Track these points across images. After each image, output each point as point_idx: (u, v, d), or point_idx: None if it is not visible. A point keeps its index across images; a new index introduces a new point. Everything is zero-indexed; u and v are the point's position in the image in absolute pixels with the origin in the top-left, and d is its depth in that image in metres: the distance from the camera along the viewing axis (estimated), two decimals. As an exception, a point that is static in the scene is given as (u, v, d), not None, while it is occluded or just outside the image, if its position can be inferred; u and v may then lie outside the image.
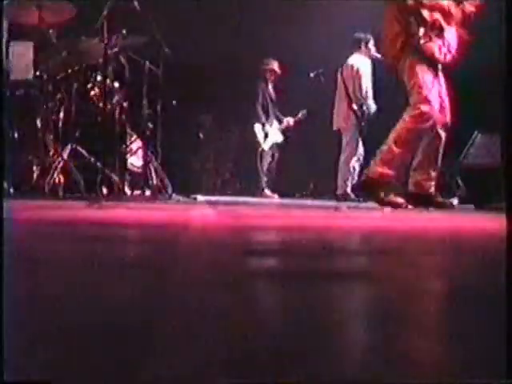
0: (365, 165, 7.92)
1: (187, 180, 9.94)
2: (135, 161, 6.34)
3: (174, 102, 7.58)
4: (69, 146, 5.34)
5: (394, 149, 4.77)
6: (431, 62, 4.77)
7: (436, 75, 4.82)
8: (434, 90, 4.79)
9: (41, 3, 5.30)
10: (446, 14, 4.77)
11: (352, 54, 8.03)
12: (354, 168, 7.92)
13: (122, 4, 5.52)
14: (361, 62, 7.95)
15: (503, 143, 5.53)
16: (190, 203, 5.94)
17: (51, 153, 5.26)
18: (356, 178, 7.88)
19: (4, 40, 5.32)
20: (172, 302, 0.97)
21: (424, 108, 4.75)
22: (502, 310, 0.86)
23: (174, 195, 6.19)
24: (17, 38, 5.52)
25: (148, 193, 5.97)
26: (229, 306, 0.93)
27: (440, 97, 4.85)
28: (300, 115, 9.74)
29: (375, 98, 8.00)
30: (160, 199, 5.72)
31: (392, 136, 4.81)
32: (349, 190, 7.88)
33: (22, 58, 5.36)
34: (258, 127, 9.65)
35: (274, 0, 9.44)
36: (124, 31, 5.74)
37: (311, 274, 1.31)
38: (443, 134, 4.98)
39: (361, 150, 7.94)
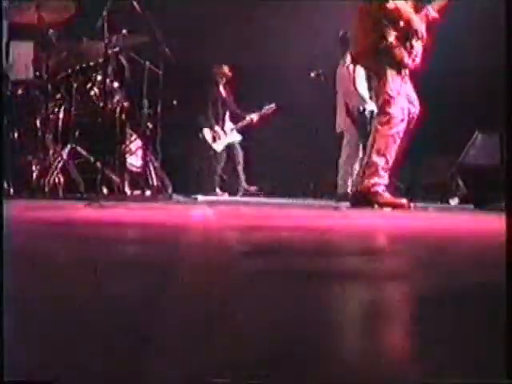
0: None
1: (187, 180, 9.93)
2: (135, 161, 6.33)
3: (174, 101, 7.57)
4: (69, 146, 5.34)
5: (376, 159, 4.81)
6: (399, 67, 4.80)
7: (403, 79, 4.85)
8: (401, 94, 4.82)
9: (41, 3, 5.29)
10: (416, 21, 4.84)
11: (345, 54, 8.02)
12: (354, 168, 7.91)
13: (122, 4, 5.52)
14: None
15: (503, 143, 5.53)
16: (190, 203, 5.94)
17: (51, 153, 5.25)
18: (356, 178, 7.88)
19: (4, 40, 5.32)
20: (172, 301, 0.97)
21: (393, 112, 4.77)
22: (501, 310, 0.86)
23: (174, 195, 6.19)
24: (17, 38, 5.52)
25: (148, 193, 5.97)
26: (229, 306, 0.93)
27: (408, 101, 4.89)
28: (266, 109, 9.75)
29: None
30: (160, 199, 5.71)
31: (370, 148, 4.87)
32: (349, 190, 7.87)
33: (21, 57, 5.36)
34: (206, 131, 9.71)
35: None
36: (124, 31, 5.74)
37: (310, 273, 1.31)
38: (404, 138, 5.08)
39: (360, 150, 7.94)
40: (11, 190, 4.94)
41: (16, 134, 5.23)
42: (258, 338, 0.75)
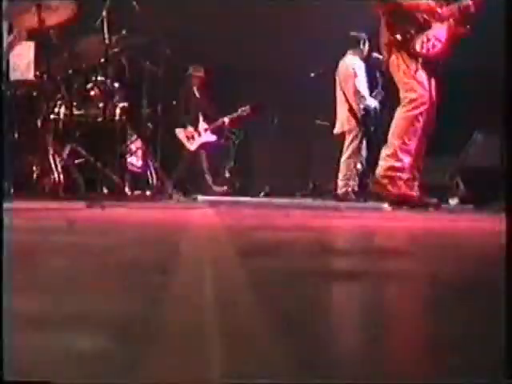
0: (367, 165, 7.92)
1: (187, 180, 9.94)
2: (135, 161, 6.35)
3: (174, 101, 7.59)
4: (69, 146, 5.34)
5: (394, 142, 4.94)
6: (414, 57, 4.96)
7: (418, 68, 4.98)
8: (419, 82, 4.96)
9: (41, 3, 5.29)
10: (432, 12, 4.98)
11: (346, 53, 8.04)
12: (355, 168, 7.92)
13: (122, 4, 5.53)
14: (355, 62, 7.96)
15: (503, 143, 5.53)
16: (189, 203, 5.94)
17: (51, 153, 5.25)
18: (357, 178, 7.89)
19: (4, 40, 5.32)
20: (173, 301, 0.97)
21: (411, 95, 4.94)
22: (501, 310, 0.86)
23: (174, 195, 6.20)
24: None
25: (148, 193, 5.97)
26: (229, 306, 0.93)
27: (426, 91, 4.99)
28: (239, 112, 9.71)
29: (374, 97, 8.00)
30: (160, 199, 5.72)
31: (390, 132, 5.01)
32: (349, 190, 7.88)
33: (22, 58, 5.36)
34: (178, 130, 9.68)
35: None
36: (124, 31, 5.75)
37: (310, 273, 1.31)
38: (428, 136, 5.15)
39: (363, 150, 7.95)
40: (11, 190, 4.95)
41: (16, 134, 5.23)
42: (258, 338, 0.75)
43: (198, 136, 9.70)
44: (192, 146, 9.72)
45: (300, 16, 9.39)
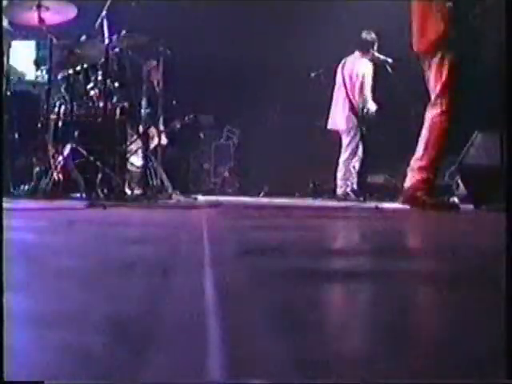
0: (365, 165, 7.93)
1: (187, 180, 9.95)
2: (135, 161, 6.35)
3: (173, 101, 7.59)
4: (69, 146, 5.34)
5: (432, 153, 4.71)
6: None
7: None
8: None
9: (41, 3, 5.29)
10: None
11: (353, 52, 8.04)
12: (354, 168, 7.93)
13: (122, 4, 5.53)
14: (362, 63, 7.95)
15: (503, 143, 5.53)
16: (189, 203, 5.95)
17: (51, 153, 5.25)
18: (356, 178, 7.89)
19: (4, 40, 5.32)
20: (173, 301, 0.97)
21: (447, 105, 4.71)
22: (501, 310, 0.86)
23: (174, 195, 6.19)
24: (17, 38, 5.52)
25: (148, 193, 5.97)
26: (229, 306, 0.93)
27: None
28: (186, 119, 9.44)
29: (375, 98, 8.01)
30: (160, 199, 5.72)
31: (427, 143, 4.74)
32: (349, 189, 7.89)
33: (22, 57, 5.36)
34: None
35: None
36: (124, 31, 5.75)
37: (310, 273, 1.31)
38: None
39: (361, 150, 7.96)
40: (11, 190, 4.95)
41: (16, 134, 5.23)
42: (258, 338, 0.75)
43: (156, 137, 9.06)
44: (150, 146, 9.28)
45: (302, 14, 9.39)
